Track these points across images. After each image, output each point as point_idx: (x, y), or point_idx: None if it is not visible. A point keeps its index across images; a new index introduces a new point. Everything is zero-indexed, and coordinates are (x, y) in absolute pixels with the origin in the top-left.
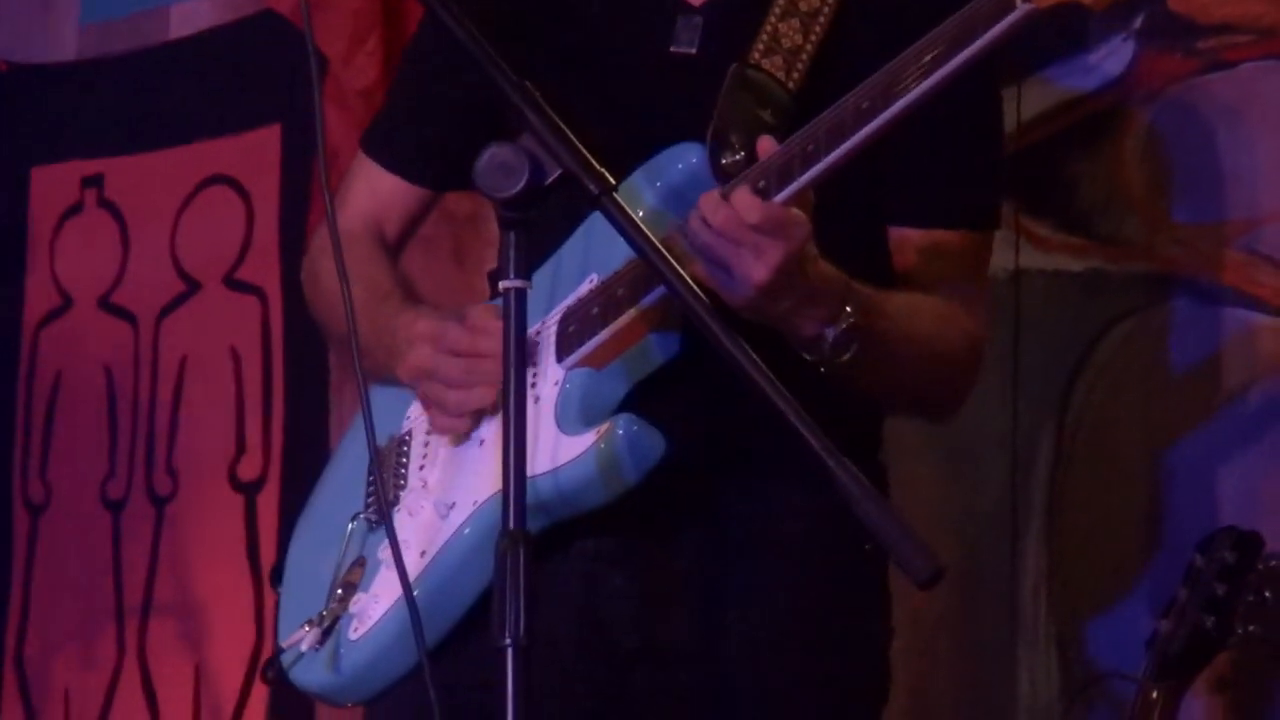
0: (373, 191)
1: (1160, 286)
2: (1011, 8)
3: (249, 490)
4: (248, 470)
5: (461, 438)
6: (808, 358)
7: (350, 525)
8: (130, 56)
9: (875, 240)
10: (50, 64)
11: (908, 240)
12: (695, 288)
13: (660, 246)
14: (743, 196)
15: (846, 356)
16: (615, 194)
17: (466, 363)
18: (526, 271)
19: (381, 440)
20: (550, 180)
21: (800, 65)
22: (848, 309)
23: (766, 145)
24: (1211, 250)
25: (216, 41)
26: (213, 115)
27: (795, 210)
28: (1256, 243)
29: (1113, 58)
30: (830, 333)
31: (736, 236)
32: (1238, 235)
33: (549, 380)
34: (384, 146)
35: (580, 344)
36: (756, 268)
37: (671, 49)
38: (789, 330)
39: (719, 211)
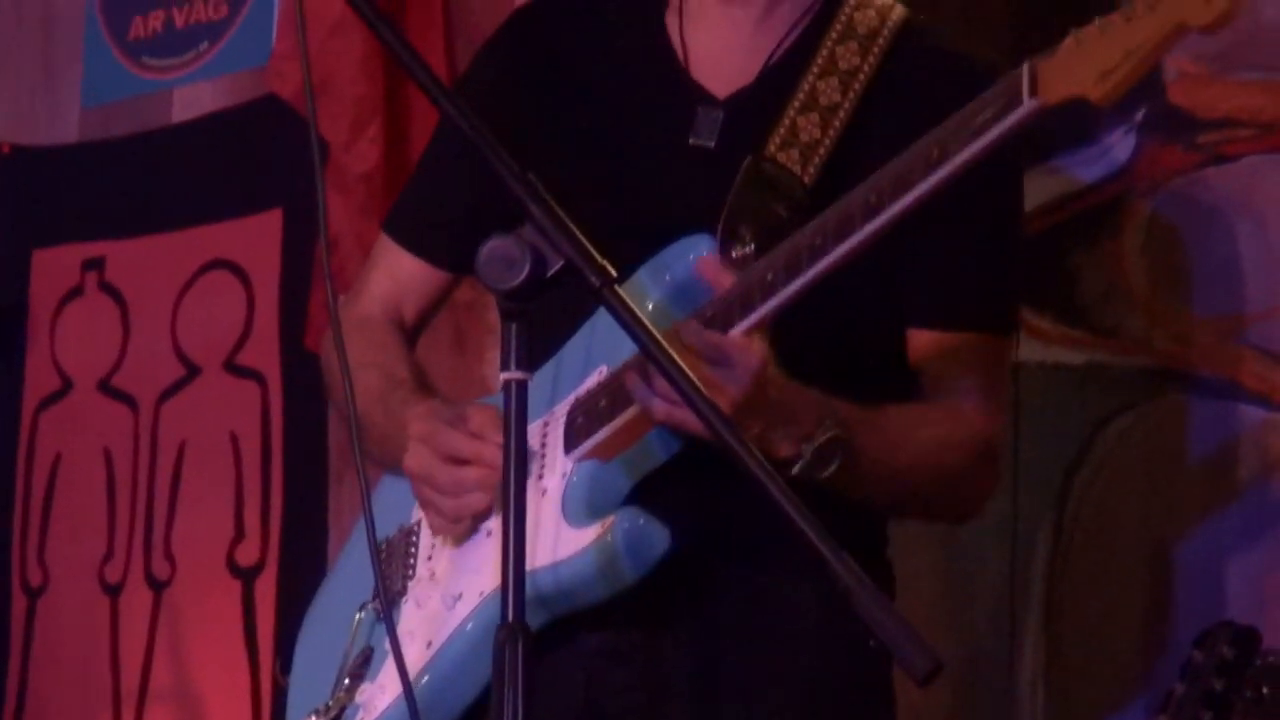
0: (393, 274)
1: (1160, 380)
2: (1019, 103)
3: (247, 575)
4: (246, 555)
5: (466, 530)
6: (790, 474)
7: (358, 615)
8: (132, 139)
9: (889, 340)
10: (52, 146)
11: (922, 341)
12: (697, 382)
13: (661, 340)
14: (689, 331)
15: (827, 472)
16: (617, 286)
17: (459, 470)
18: (528, 363)
19: (391, 530)
20: (552, 272)
21: (817, 160)
22: (824, 425)
23: (709, 265)
24: (1211, 344)
25: (219, 125)
26: (214, 199)
27: (745, 340)
28: (1256, 337)
29: (1114, 150)
30: (807, 449)
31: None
32: (1238, 329)
33: (556, 472)
34: (406, 228)
35: (588, 436)
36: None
37: (690, 140)
38: (764, 450)
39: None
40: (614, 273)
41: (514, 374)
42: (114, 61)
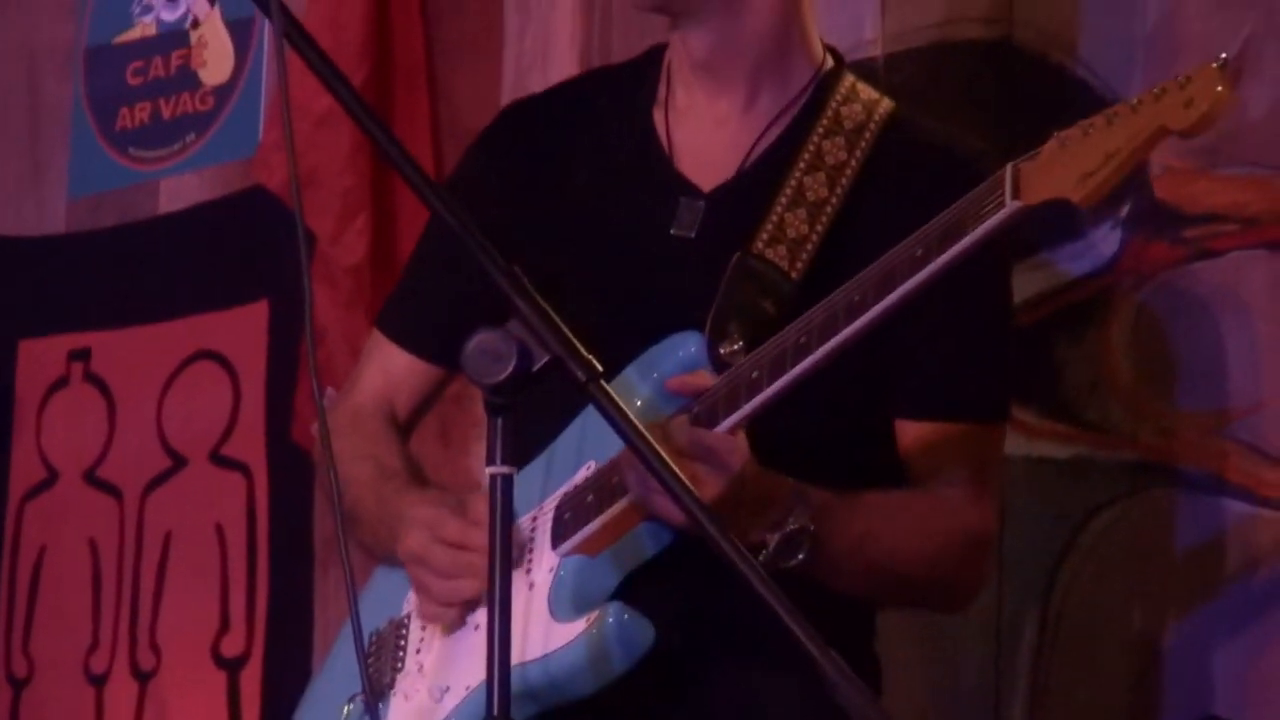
0: (386, 370)
1: (1145, 475)
2: (1001, 205)
3: (232, 667)
4: (231, 647)
5: (456, 623)
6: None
7: (347, 707)
8: (119, 230)
9: (875, 429)
10: (39, 236)
11: (912, 432)
12: (683, 478)
13: (647, 435)
14: (675, 427)
15: (793, 561)
16: (603, 381)
17: (457, 554)
18: (513, 458)
19: (381, 622)
20: (538, 367)
21: (805, 255)
22: (794, 514)
23: (678, 384)
24: (1197, 439)
25: (205, 216)
26: (201, 290)
27: (728, 438)
28: (1242, 432)
29: (1100, 245)
30: (773, 538)
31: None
32: (1223, 424)
33: (544, 566)
34: (397, 323)
35: (575, 531)
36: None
37: (671, 231)
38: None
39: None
40: (600, 368)
41: (499, 469)
42: (101, 152)
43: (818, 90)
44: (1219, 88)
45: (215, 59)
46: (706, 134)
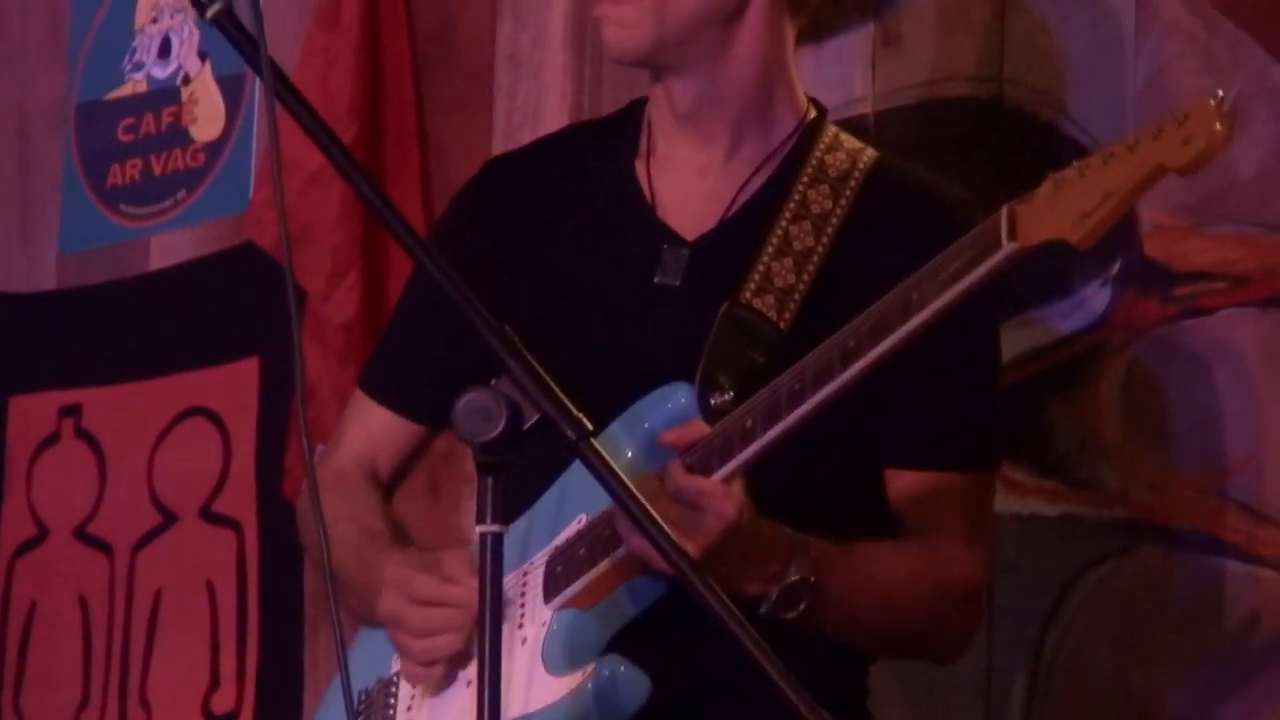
0: (367, 429)
1: (1136, 532)
2: (997, 247)
3: None
4: (221, 703)
5: (445, 680)
6: (758, 613)
7: None
8: (110, 286)
9: (866, 478)
10: (29, 293)
11: (903, 482)
12: (669, 531)
13: (637, 492)
14: (670, 475)
15: (794, 613)
16: (593, 439)
17: (430, 612)
18: (503, 516)
19: (370, 681)
20: (528, 425)
21: (793, 305)
22: (793, 566)
23: (672, 436)
24: (1189, 496)
25: (196, 273)
26: (191, 347)
27: (723, 487)
28: (1235, 490)
29: (1091, 302)
30: (774, 590)
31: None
32: (1216, 482)
33: (536, 621)
34: (379, 382)
35: (567, 585)
36: (686, 543)
37: (655, 280)
38: (732, 588)
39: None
40: (590, 426)
41: (489, 527)
42: (92, 208)
43: (801, 139)
44: (1216, 125)
45: (206, 115)
46: (689, 184)
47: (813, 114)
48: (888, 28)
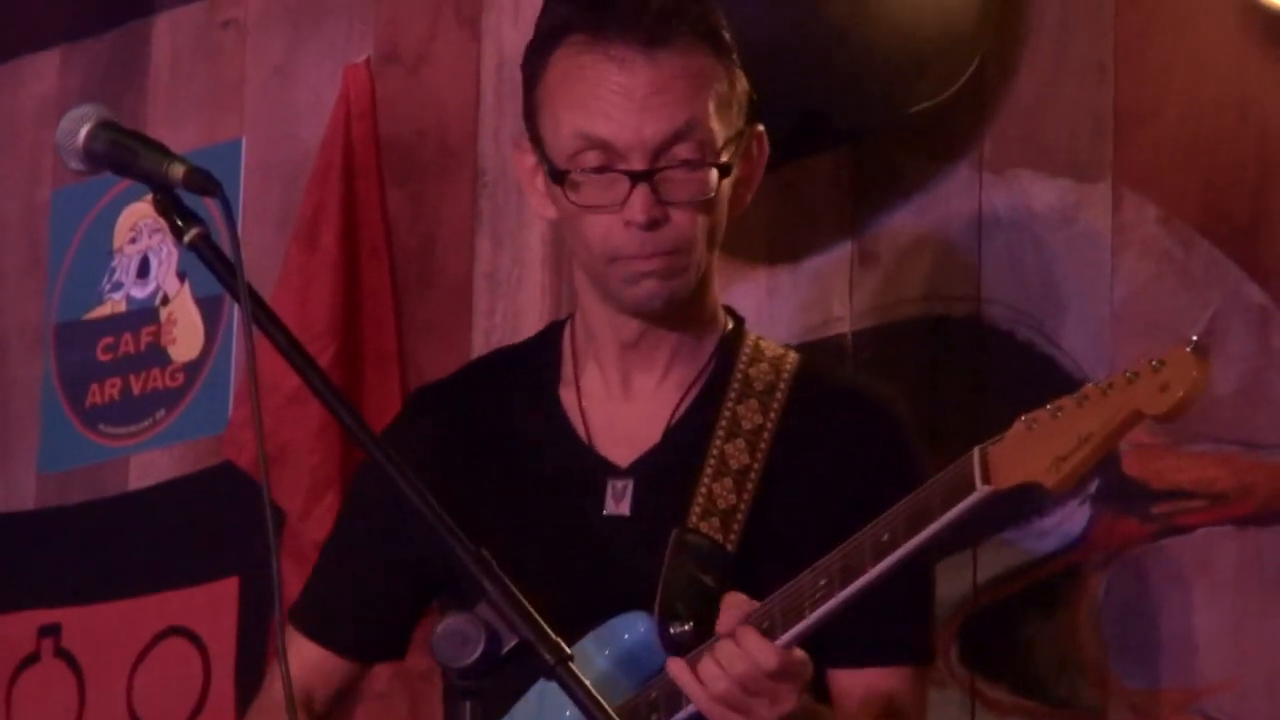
0: (300, 661)
1: None
2: (971, 489)
3: None
4: None
5: None
6: None
7: None
8: (89, 506)
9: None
10: (7, 513)
11: (843, 681)
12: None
13: (613, 715)
14: (759, 645)
15: None
16: (570, 664)
17: None
18: None
19: None
20: (506, 650)
21: (736, 526)
22: None
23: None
24: (1168, 716)
25: (175, 492)
26: (171, 566)
27: (800, 651)
28: (1214, 709)
29: (1068, 522)
30: None
31: (756, 686)
32: (1195, 701)
33: None
34: (309, 618)
35: None
36: (770, 710)
37: (604, 512)
38: None
39: (738, 663)
40: (568, 650)
41: None
42: (71, 428)
43: (723, 355)
44: (1194, 372)
45: (185, 335)
46: (622, 410)
47: (730, 325)
48: (865, 248)
